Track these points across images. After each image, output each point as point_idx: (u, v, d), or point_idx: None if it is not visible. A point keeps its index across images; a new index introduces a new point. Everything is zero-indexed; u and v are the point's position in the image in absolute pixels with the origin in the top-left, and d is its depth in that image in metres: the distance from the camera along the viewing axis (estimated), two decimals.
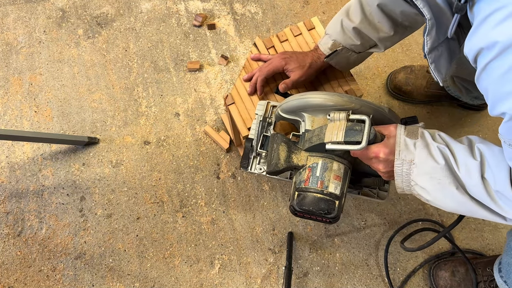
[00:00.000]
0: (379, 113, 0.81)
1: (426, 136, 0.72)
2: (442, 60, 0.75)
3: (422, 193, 0.72)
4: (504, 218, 0.67)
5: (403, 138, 0.72)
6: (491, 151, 0.67)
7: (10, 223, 1.29)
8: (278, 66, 1.00)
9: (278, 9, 1.59)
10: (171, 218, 1.29)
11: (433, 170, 0.68)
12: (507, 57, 0.48)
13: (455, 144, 0.70)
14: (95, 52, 1.52)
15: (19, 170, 1.35)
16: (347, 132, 0.75)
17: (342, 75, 1.05)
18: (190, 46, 1.52)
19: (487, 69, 0.52)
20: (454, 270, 1.15)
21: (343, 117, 0.77)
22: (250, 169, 0.97)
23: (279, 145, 0.84)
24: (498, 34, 0.48)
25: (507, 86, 0.50)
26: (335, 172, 0.81)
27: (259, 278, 1.23)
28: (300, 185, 0.82)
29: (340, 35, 0.91)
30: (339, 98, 0.79)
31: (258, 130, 0.95)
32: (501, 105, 0.52)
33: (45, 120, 1.42)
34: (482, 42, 0.51)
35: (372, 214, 1.29)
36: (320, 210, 0.78)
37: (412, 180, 0.72)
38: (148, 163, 1.36)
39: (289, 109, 0.86)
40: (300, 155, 0.84)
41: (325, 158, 0.82)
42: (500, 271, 1.01)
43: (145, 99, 1.45)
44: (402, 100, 1.41)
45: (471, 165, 0.66)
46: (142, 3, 1.60)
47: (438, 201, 0.71)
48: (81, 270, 1.24)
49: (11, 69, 1.50)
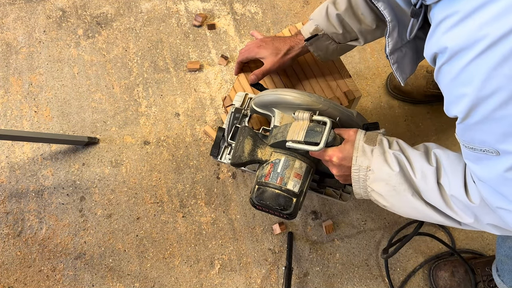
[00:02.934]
0: (346, 116, 0.82)
1: (384, 143, 0.72)
2: (406, 60, 0.75)
3: (379, 199, 0.73)
4: (459, 223, 0.68)
5: (361, 144, 0.73)
6: (447, 157, 0.68)
7: (10, 223, 1.29)
8: (251, 53, 0.98)
9: (278, 9, 1.59)
10: (171, 218, 1.29)
11: (389, 177, 0.69)
12: (455, 62, 0.49)
13: (412, 151, 0.71)
14: (95, 52, 1.52)
15: (19, 170, 1.35)
16: (308, 132, 0.76)
17: (340, 76, 1.05)
18: (190, 46, 1.52)
19: (441, 72, 0.53)
20: (453, 270, 1.15)
21: (306, 117, 0.78)
22: (220, 159, 0.98)
23: (245, 138, 0.86)
24: (448, 40, 0.49)
25: (456, 90, 0.51)
26: (296, 170, 0.82)
27: (259, 278, 1.23)
28: (261, 179, 0.83)
29: (324, 21, 0.91)
30: (307, 98, 0.80)
31: (230, 121, 0.96)
32: (453, 107, 0.53)
33: (45, 120, 1.42)
34: (435, 47, 0.52)
35: (372, 214, 1.29)
36: (277, 206, 0.80)
37: (369, 186, 0.73)
38: (148, 163, 1.36)
39: (261, 104, 0.87)
40: (265, 150, 0.85)
41: (288, 155, 0.83)
42: (497, 270, 1.02)
43: (145, 99, 1.45)
44: (402, 100, 1.41)
45: (427, 171, 0.67)
46: (142, 3, 1.60)
47: (395, 207, 0.72)
48: (81, 270, 1.24)
49: (11, 69, 1.50)
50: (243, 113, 0.98)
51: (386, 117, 1.41)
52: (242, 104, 0.99)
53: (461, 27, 0.47)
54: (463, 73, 0.49)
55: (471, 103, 0.49)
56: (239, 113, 0.97)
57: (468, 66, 0.48)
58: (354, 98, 1.02)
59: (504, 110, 0.47)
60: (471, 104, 0.49)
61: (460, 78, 0.49)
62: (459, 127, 0.56)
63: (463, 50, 0.48)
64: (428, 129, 1.36)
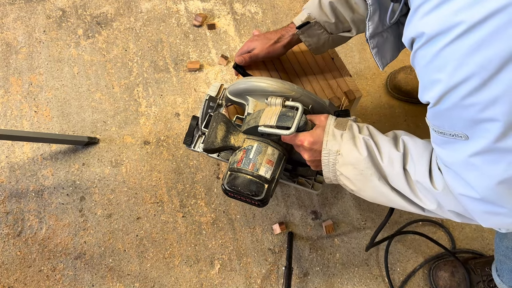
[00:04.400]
0: (319, 104, 0.83)
1: (353, 128, 0.74)
2: (388, 46, 0.76)
3: (347, 183, 0.74)
4: (423, 209, 0.69)
5: (331, 129, 0.74)
6: (414, 144, 0.69)
7: (10, 223, 1.29)
8: (244, 47, 0.99)
9: (278, 9, 1.59)
10: (171, 218, 1.29)
11: (357, 161, 0.70)
12: (430, 47, 0.49)
13: (381, 137, 0.72)
14: (95, 52, 1.52)
15: (19, 170, 1.35)
16: (280, 117, 0.76)
17: (340, 75, 1.05)
18: (190, 46, 1.52)
19: (416, 56, 0.54)
20: (453, 270, 1.15)
21: (279, 103, 0.79)
22: (193, 147, 0.98)
23: (219, 124, 0.86)
24: (424, 25, 0.49)
25: (430, 76, 0.51)
26: (268, 157, 0.82)
27: (259, 278, 1.23)
28: (233, 165, 0.83)
29: (316, 9, 0.91)
30: (281, 85, 0.81)
31: (204, 109, 0.96)
32: (427, 93, 0.54)
33: (45, 120, 1.42)
34: (413, 32, 0.52)
35: (372, 214, 1.29)
36: (248, 191, 0.80)
37: (338, 170, 0.74)
38: (148, 163, 1.36)
39: (236, 92, 0.87)
40: (238, 136, 0.86)
41: (260, 142, 0.83)
42: (497, 270, 1.02)
43: (145, 99, 1.45)
44: (402, 100, 1.41)
45: (394, 156, 0.68)
46: (142, 3, 1.60)
47: (361, 191, 0.74)
48: (81, 270, 1.24)
49: (11, 69, 1.50)
50: (218, 103, 0.99)
51: (386, 117, 1.41)
52: (218, 94, 1.00)
53: (437, 12, 0.47)
54: (437, 59, 0.49)
55: (444, 89, 0.49)
56: (214, 102, 0.98)
57: (442, 51, 0.48)
58: (355, 98, 1.02)
59: (473, 98, 0.47)
60: (443, 90, 0.50)
61: (434, 63, 0.50)
62: (430, 112, 0.57)
63: (438, 35, 0.48)
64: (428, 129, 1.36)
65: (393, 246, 1.25)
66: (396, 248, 1.25)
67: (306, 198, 1.31)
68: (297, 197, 1.31)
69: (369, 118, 1.41)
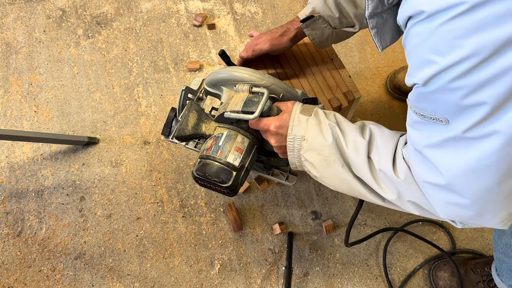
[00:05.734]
0: (291, 94, 0.84)
1: (319, 114, 0.74)
2: (387, 27, 0.74)
3: (311, 169, 0.75)
4: (383, 200, 0.70)
5: (297, 114, 0.74)
6: (381, 133, 0.69)
7: (10, 223, 1.29)
8: (251, 45, 1.00)
9: (278, 9, 1.59)
10: (171, 218, 1.29)
11: (322, 147, 0.71)
12: (427, 24, 0.48)
13: (348, 124, 0.72)
14: (95, 52, 1.52)
15: (19, 170, 1.35)
16: (246, 102, 0.78)
17: (340, 76, 1.05)
18: (190, 46, 1.52)
19: (409, 34, 0.52)
20: (453, 270, 1.16)
21: (246, 89, 0.80)
22: (171, 138, 0.99)
23: (191, 112, 0.87)
24: (425, 3, 0.48)
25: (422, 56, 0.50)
26: (238, 144, 0.83)
27: (259, 278, 1.23)
28: (203, 153, 0.83)
29: (321, 3, 0.92)
30: (252, 73, 0.82)
31: (181, 100, 0.97)
32: (415, 74, 0.52)
33: (45, 120, 1.42)
34: (410, 10, 0.51)
35: (372, 214, 1.29)
36: (216, 178, 0.80)
37: (302, 156, 0.74)
38: (148, 163, 1.36)
39: (211, 83, 0.89)
40: (210, 125, 0.87)
41: (230, 130, 0.84)
42: (496, 270, 1.02)
43: (145, 99, 1.45)
44: (402, 100, 1.41)
45: (359, 144, 0.69)
46: (142, 3, 1.60)
47: (324, 177, 0.74)
48: (81, 270, 1.24)
49: (10, 69, 1.50)
50: (198, 96, 1.00)
51: (386, 117, 1.41)
52: (199, 88, 1.01)
53: None
54: (432, 37, 0.48)
55: (435, 70, 0.48)
56: (192, 94, 0.99)
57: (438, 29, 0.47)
58: (354, 98, 1.02)
59: (462, 81, 0.46)
60: (435, 71, 0.48)
61: (428, 42, 0.49)
62: (414, 93, 0.55)
63: (438, 12, 0.46)
64: None
65: (393, 246, 1.25)
66: (396, 248, 1.25)
67: (306, 198, 1.31)
68: (297, 197, 1.31)
69: (369, 118, 1.41)
